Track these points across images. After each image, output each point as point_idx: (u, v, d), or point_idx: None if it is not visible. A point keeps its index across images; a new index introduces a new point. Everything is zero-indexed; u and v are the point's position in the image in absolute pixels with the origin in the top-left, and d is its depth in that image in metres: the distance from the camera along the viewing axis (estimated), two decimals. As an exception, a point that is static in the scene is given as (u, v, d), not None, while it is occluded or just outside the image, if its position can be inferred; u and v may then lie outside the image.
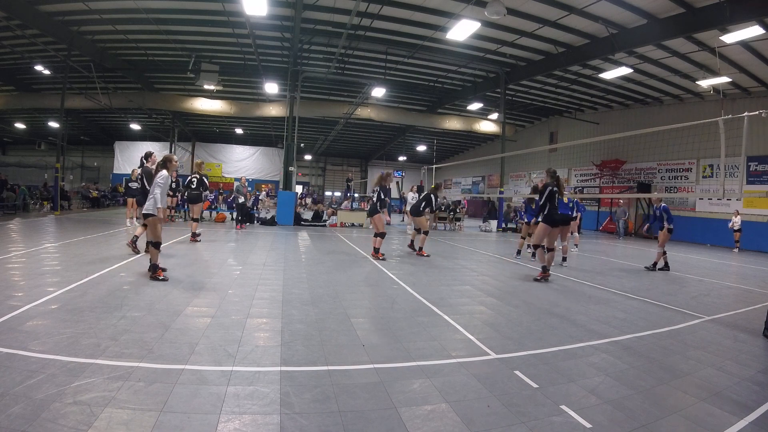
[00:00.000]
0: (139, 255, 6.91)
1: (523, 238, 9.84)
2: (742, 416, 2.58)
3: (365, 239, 11.94)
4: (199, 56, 16.02)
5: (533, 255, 9.31)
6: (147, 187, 7.11)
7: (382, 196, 8.58)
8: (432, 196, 9.31)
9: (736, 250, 14.23)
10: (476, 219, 24.41)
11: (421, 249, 9.08)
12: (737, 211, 14.19)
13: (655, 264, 8.61)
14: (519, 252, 9.70)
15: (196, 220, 9.78)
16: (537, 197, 9.15)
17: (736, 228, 14.17)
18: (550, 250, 6.87)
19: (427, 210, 9.42)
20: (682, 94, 16.80)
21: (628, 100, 18.99)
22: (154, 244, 5.36)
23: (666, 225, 8.55)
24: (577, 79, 16.65)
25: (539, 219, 6.95)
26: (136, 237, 7.20)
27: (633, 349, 3.73)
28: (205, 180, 10.33)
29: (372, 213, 8.64)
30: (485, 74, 17.53)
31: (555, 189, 6.76)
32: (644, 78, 15.41)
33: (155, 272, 5.29)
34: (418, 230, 9.32)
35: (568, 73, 15.95)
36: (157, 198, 5.40)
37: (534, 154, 24.84)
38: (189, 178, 10.30)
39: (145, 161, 7.81)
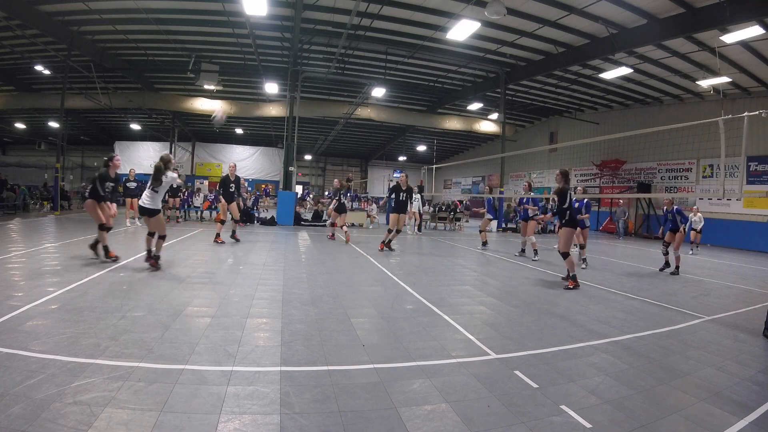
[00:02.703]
0: (144, 255, 6.65)
1: (485, 232, 10.85)
2: (742, 416, 2.58)
3: (365, 239, 11.94)
4: (199, 56, 16.02)
5: (536, 252, 9.36)
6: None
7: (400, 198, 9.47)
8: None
9: (691, 252, 12.17)
10: (476, 219, 24.39)
11: (383, 242, 9.45)
12: (697, 208, 12.72)
13: (677, 267, 8.26)
14: (523, 251, 9.79)
15: (237, 221, 9.86)
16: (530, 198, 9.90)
17: (696, 228, 12.31)
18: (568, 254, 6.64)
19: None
20: (682, 94, 16.80)
21: (628, 100, 18.99)
22: (160, 236, 5.89)
23: (682, 226, 8.30)
24: (577, 79, 16.65)
25: (562, 223, 6.63)
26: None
27: (633, 349, 3.73)
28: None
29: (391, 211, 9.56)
30: (485, 74, 17.53)
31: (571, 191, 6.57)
32: (644, 78, 15.41)
33: (151, 256, 5.84)
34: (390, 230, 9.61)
35: (568, 73, 15.95)
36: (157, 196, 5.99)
37: (534, 154, 24.83)
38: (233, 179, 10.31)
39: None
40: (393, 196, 9.63)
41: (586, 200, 9.57)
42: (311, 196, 24.97)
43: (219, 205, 9.90)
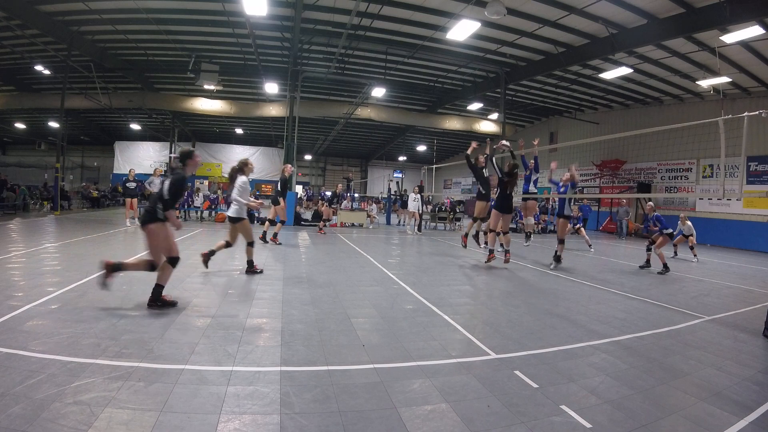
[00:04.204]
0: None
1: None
2: (742, 416, 2.58)
3: (365, 239, 11.95)
4: (199, 56, 16.02)
5: (528, 236, 9.75)
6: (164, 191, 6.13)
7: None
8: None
9: (673, 255, 11.09)
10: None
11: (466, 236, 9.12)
12: (684, 216, 11.13)
13: (664, 265, 8.35)
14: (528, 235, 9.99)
15: (273, 222, 9.79)
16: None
17: (686, 233, 11.05)
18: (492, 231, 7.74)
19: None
20: (682, 94, 16.79)
21: (628, 100, 18.98)
22: (250, 243, 6.10)
23: (664, 231, 8.66)
24: (577, 79, 16.65)
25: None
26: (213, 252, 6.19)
27: (633, 349, 3.73)
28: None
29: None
30: (485, 74, 17.52)
31: (506, 179, 7.64)
32: (644, 78, 15.40)
33: (252, 267, 6.07)
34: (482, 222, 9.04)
35: (568, 73, 15.94)
36: (241, 202, 6.04)
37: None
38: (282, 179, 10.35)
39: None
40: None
41: (567, 185, 8.62)
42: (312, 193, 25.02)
43: (277, 207, 9.82)
